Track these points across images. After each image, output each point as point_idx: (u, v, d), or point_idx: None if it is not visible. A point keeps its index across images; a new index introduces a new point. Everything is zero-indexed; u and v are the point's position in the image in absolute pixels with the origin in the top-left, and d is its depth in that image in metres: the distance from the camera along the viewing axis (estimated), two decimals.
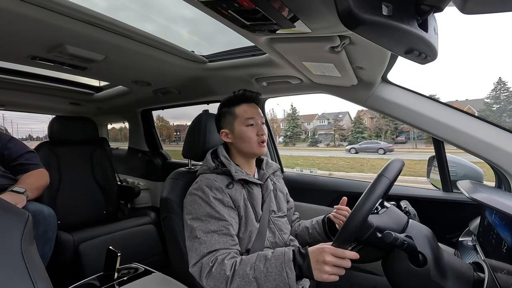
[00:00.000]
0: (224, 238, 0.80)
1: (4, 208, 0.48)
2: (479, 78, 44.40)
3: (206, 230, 0.80)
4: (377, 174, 0.69)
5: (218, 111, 1.00)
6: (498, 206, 0.64)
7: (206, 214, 0.82)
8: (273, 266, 0.69)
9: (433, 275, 0.63)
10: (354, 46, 0.80)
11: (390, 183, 0.67)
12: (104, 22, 0.91)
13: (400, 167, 0.72)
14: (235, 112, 0.94)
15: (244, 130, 0.92)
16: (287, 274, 0.67)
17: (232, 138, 0.95)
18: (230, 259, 0.76)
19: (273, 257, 0.71)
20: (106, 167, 2.06)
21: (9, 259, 0.41)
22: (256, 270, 0.70)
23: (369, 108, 1.16)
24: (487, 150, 0.91)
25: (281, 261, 0.69)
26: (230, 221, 0.83)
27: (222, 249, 0.78)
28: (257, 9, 0.59)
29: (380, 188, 0.65)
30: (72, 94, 2.02)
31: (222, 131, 0.97)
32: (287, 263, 0.68)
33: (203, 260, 0.76)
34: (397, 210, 0.80)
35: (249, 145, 0.92)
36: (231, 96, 0.96)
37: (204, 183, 0.87)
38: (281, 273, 0.68)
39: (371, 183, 0.68)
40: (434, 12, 0.44)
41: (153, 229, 1.86)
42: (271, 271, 0.69)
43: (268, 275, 0.68)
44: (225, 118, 0.96)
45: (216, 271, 0.73)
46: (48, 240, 1.24)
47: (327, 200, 1.46)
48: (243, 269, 0.71)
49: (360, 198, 0.67)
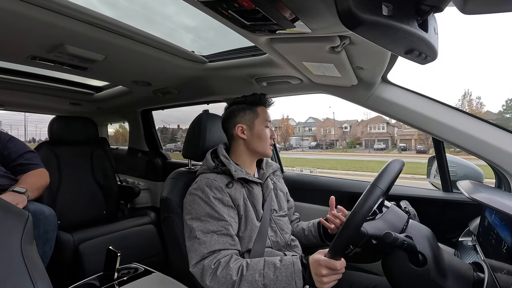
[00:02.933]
0: (224, 238, 0.80)
1: (4, 208, 0.48)
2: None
3: (206, 230, 0.80)
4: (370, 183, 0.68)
5: (237, 105, 1.00)
6: (498, 206, 0.64)
7: (206, 214, 0.82)
8: (283, 275, 0.72)
9: (433, 275, 0.63)
10: (354, 46, 0.80)
11: (383, 192, 0.67)
12: (104, 22, 0.91)
13: (398, 169, 0.72)
14: (258, 111, 0.98)
15: (263, 129, 0.97)
16: (296, 283, 0.71)
17: (248, 135, 0.96)
18: (235, 262, 0.76)
19: (282, 266, 0.74)
20: (106, 167, 2.06)
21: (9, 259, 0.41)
22: (266, 278, 0.72)
23: (369, 108, 1.16)
24: (487, 150, 0.91)
25: (291, 271, 0.73)
26: (230, 221, 0.84)
27: (223, 250, 0.79)
28: (257, 9, 0.59)
29: (371, 199, 0.65)
30: (72, 94, 2.02)
31: (239, 125, 0.96)
32: (297, 273, 0.72)
33: (205, 261, 0.77)
34: (397, 210, 0.80)
35: (264, 145, 0.97)
36: (251, 96, 0.99)
37: (204, 183, 0.87)
38: (290, 282, 0.71)
39: (364, 193, 0.67)
40: (434, 12, 0.44)
41: (153, 229, 1.86)
42: (281, 279, 0.72)
43: (278, 283, 0.72)
44: (245, 113, 0.97)
45: (222, 274, 0.74)
46: (48, 240, 1.24)
47: (327, 200, 1.46)
48: (252, 275, 0.73)
49: (352, 209, 0.67)
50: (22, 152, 1.39)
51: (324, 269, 0.69)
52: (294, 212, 1.17)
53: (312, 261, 0.73)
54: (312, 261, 0.73)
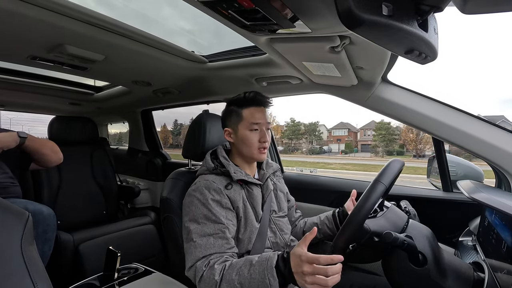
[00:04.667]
0: (220, 241, 0.80)
1: (4, 208, 0.48)
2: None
3: (202, 233, 0.80)
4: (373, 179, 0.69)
5: (226, 108, 0.98)
6: (498, 206, 0.64)
7: (203, 216, 0.82)
8: (256, 273, 0.68)
9: (433, 275, 0.63)
10: (354, 46, 0.80)
11: (386, 188, 0.67)
12: (104, 22, 0.91)
13: (399, 168, 0.72)
14: (242, 114, 0.92)
15: (247, 134, 0.91)
16: (269, 281, 0.66)
17: (234, 139, 0.95)
18: (220, 263, 0.75)
19: (257, 262, 0.71)
20: (106, 167, 2.06)
21: (9, 259, 0.41)
22: (241, 276, 0.70)
23: (369, 108, 1.16)
24: (487, 150, 0.91)
25: (263, 268, 0.68)
26: (227, 223, 0.83)
27: (217, 253, 0.78)
28: (257, 9, 0.59)
29: (375, 194, 0.65)
30: (72, 94, 2.02)
31: (226, 129, 0.96)
32: (269, 269, 0.67)
33: (197, 264, 0.76)
34: (397, 210, 0.80)
35: (250, 149, 0.92)
36: (241, 96, 0.95)
37: (203, 184, 0.86)
38: (264, 280, 0.67)
39: (367, 188, 0.67)
40: (434, 12, 0.44)
41: (153, 229, 1.86)
42: (254, 277, 0.68)
43: (252, 281, 0.68)
44: (231, 117, 0.95)
45: (207, 275, 0.73)
46: (47, 240, 1.24)
47: (327, 200, 1.46)
48: (230, 274, 0.71)
49: (355, 205, 0.67)
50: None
51: (305, 265, 0.61)
52: (296, 210, 1.17)
53: (292, 256, 0.66)
54: (292, 256, 0.65)
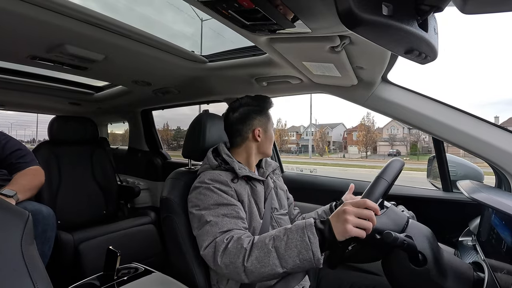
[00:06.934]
0: (235, 220, 0.79)
1: (4, 208, 0.48)
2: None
3: (216, 214, 0.79)
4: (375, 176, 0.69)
5: (251, 108, 0.97)
6: (498, 206, 0.64)
7: (214, 202, 0.81)
8: (293, 233, 0.68)
9: (433, 275, 0.63)
10: (354, 46, 0.80)
11: (389, 185, 0.67)
12: (104, 22, 0.91)
13: (399, 167, 0.72)
14: (269, 115, 1.01)
15: (272, 133, 1.02)
16: (309, 238, 0.65)
17: (262, 138, 0.97)
18: (247, 236, 0.75)
19: (293, 226, 0.70)
20: (106, 167, 2.06)
21: (9, 259, 0.41)
22: (276, 240, 0.69)
23: (369, 108, 1.16)
24: (487, 150, 0.91)
25: (302, 227, 0.68)
26: (239, 205, 0.84)
27: (236, 229, 0.77)
28: (257, 9, 0.59)
29: (378, 189, 0.65)
30: (72, 94, 2.02)
31: (257, 129, 0.95)
32: (309, 227, 0.67)
33: (217, 239, 0.75)
34: (397, 210, 0.80)
35: (270, 146, 1.01)
36: (262, 100, 1.00)
37: (208, 177, 0.86)
38: (303, 238, 0.66)
39: (370, 184, 0.68)
40: (434, 12, 0.44)
41: (153, 229, 1.86)
42: (291, 237, 0.67)
43: (289, 242, 0.67)
44: (261, 117, 0.98)
45: (233, 246, 0.72)
46: (47, 240, 1.24)
47: (327, 200, 1.45)
48: (262, 240, 0.70)
49: (362, 196, 0.67)
50: (14, 149, 1.33)
51: (348, 206, 0.64)
52: (295, 207, 1.18)
53: (334, 213, 0.68)
54: (334, 213, 0.68)
